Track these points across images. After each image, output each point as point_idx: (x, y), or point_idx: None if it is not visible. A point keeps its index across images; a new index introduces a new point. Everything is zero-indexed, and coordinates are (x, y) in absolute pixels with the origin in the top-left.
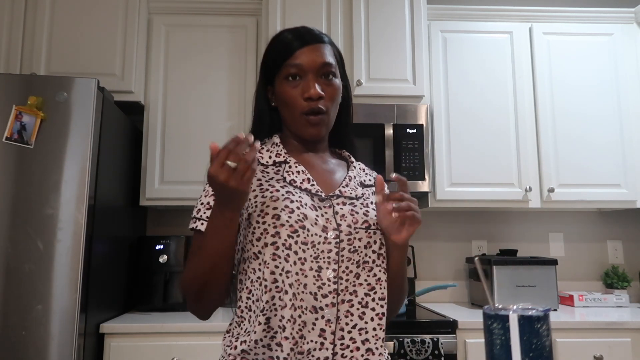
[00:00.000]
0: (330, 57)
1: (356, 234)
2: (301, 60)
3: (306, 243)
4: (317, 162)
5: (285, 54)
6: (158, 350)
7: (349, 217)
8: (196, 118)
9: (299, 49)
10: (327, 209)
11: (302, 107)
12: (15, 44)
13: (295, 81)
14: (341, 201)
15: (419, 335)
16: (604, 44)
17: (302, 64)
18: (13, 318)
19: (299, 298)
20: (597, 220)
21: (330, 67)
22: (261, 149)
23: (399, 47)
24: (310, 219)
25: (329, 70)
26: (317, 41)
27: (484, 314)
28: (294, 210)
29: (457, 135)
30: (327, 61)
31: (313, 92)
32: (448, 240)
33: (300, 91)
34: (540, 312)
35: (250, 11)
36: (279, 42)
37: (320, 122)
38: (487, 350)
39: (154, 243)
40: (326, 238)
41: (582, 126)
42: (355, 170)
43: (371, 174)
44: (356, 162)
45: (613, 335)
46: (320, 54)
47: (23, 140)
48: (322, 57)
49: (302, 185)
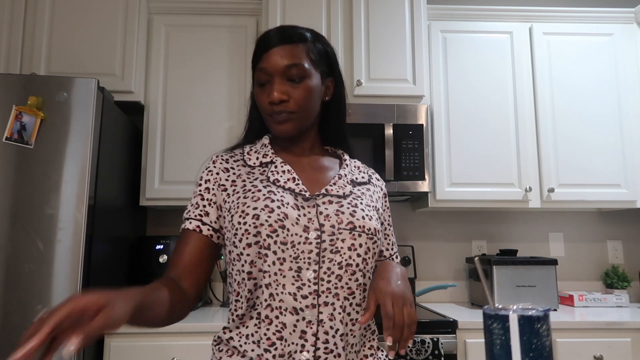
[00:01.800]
0: (301, 56)
1: (339, 235)
2: (266, 64)
3: (285, 243)
4: (305, 161)
5: (256, 58)
6: (158, 350)
7: (333, 217)
8: (196, 118)
9: (266, 52)
10: (310, 209)
11: (267, 111)
12: (15, 44)
13: (264, 86)
14: (327, 200)
15: (419, 335)
16: (604, 44)
17: (267, 67)
18: (13, 318)
19: (277, 299)
20: (597, 220)
21: (297, 69)
22: (249, 150)
23: (399, 47)
24: (290, 219)
25: (294, 72)
26: (285, 42)
27: (484, 314)
28: (274, 210)
29: (457, 135)
30: (292, 63)
31: (272, 97)
32: (448, 240)
33: (267, 95)
34: (540, 312)
35: (250, 11)
36: (256, 44)
37: (287, 119)
38: (487, 350)
39: (154, 243)
40: (307, 238)
41: (582, 126)
42: (348, 169)
43: (366, 172)
44: (350, 160)
45: (613, 335)
46: (285, 55)
47: (23, 140)
48: (287, 58)
49: (286, 185)
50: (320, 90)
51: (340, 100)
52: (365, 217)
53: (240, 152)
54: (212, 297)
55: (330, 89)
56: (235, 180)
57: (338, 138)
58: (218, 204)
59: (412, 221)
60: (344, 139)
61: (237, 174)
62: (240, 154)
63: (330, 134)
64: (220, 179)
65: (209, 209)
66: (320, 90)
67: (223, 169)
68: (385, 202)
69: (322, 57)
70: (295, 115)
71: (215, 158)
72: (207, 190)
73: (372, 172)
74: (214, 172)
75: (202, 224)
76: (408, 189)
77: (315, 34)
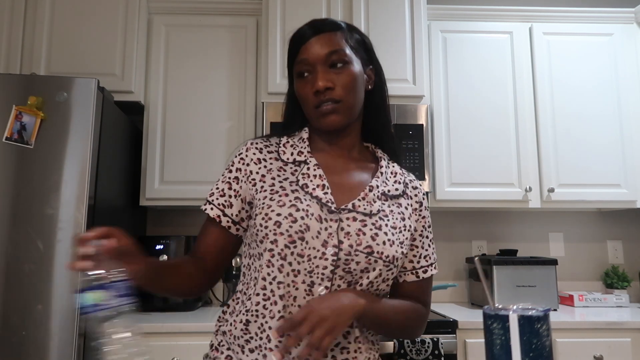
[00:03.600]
0: (340, 43)
1: (355, 256)
2: (306, 54)
3: (302, 255)
4: (339, 164)
5: (294, 52)
6: (158, 350)
7: (353, 236)
8: (196, 118)
9: (304, 44)
10: (332, 222)
11: (313, 102)
12: (15, 44)
13: (306, 78)
14: (352, 216)
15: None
16: (604, 44)
17: (307, 58)
18: (13, 318)
19: (287, 310)
20: (597, 220)
21: (338, 55)
22: (286, 143)
23: (399, 47)
24: (312, 231)
25: (336, 58)
26: (321, 31)
27: (484, 314)
28: (297, 220)
29: (457, 135)
30: (332, 50)
31: (317, 85)
32: (448, 240)
33: (310, 86)
34: (540, 312)
35: (250, 11)
36: (290, 41)
37: (333, 110)
38: (487, 350)
39: (154, 243)
40: (324, 253)
41: (582, 126)
42: (382, 177)
43: (402, 180)
44: (388, 165)
45: (613, 335)
46: (324, 43)
47: (23, 140)
48: (326, 46)
49: (314, 193)
50: (362, 78)
51: (383, 91)
52: (386, 242)
53: (276, 143)
54: (212, 297)
55: (372, 78)
56: (265, 175)
57: (382, 133)
58: (243, 197)
59: None
60: (388, 134)
61: (268, 167)
62: (276, 145)
63: (373, 128)
64: (252, 171)
65: (233, 201)
66: (362, 78)
67: (256, 159)
68: (420, 211)
69: (359, 44)
70: (342, 105)
71: (250, 145)
72: (236, 180)
73: (409, 180)
74: (245, 160)
75: (223, 215)
76: None
77: (349, 24)
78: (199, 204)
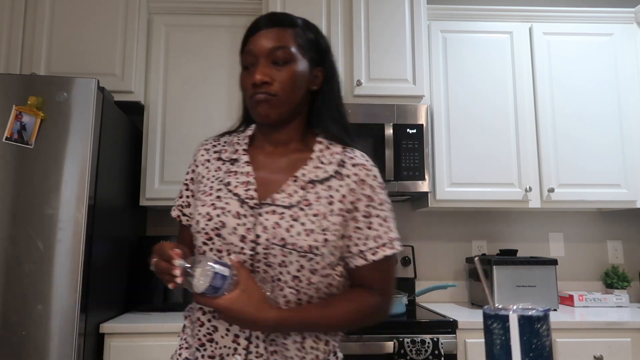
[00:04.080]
0: (287, 40)
1: (272, 250)
2: (252, 46)
3: (221, 251)
4: (271, 160)
5: (243, 42)
6: (158, 350)
7: (269, 230)
8: (196, 118)
9: (253, 35)
10: (251, 218)
11: (249, 93)
12: (15, 44)
13: (249, 69)
14: (271, 210)
15: (419, 335)
16: (604, 44)
17: (253, 49)
18: (13, 318)
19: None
20: (597, 220)
21: (282, 52)
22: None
23: (399, 47)
24: (228, 228)
25: (280, 55)
26: (273, 25)
27: (484, 314)
28: (212, 218)
29: (457, 135)
30: (277, 45)
31: (254, 78)
32: (448, 240)
33: (250, 78)
34: (540, 312)
35: (250, 11)
36: (246, 30)
37: (265, 100)
38: (487, 350)
39: (154, 243)
40: (242, 248)
41: (582, 126)
42: (313, 163)
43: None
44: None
45: (613, 335)
46: (271, 38)
47: (23, 140)
48: (273, 41)
49: (235, 190)
50: (306, 78)
51: (333, 91)
52: (302, 232)
53: (224, 141)
54: None
55: (319, 79)
56: (205, 176)
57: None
58: (196, 196)
59: (412, 221)
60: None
61: (209, 168)
62: (224, 144)
63: (319, 126)
64: (199, 172)
65: (190, 201)
66: (306, 78)
67: (203, 160)
68: (363, 189)
69: (311, 44)
70: (276, 99)
71: (201, 147)
72: (191, 181)
73: (350, 157)
74: (196, 162)
75: (182, 215)
76: (408, 189)
77: (307, 22)
78: None
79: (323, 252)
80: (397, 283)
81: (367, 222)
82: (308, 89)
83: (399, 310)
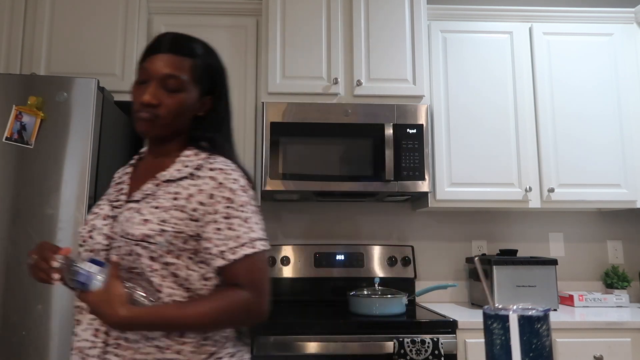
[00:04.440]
0: (183, 70)
1: (120, 241)
2: (149, 65)
3: (93, 250)
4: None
5: (142, 57)
6: None
7: (118, 224)
8: None
9: (154, 54)
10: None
11: (136, 108)
12: (15, 44)
13: (141, 85)
14: (128, 207)
15: (419, 335)
16: (604, 44)
17: (149, 69)
18: (13, 318)
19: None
20: (597, 220)
21: (175, 81)
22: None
23: (399, 47)
24: (97, 229)
25: (172, 83)
26: (174, 51)
27: (484, 314)
28: (87, 222)
29: (457, 135)
30: (171, 73)
31: (143, 98)
32: (448, 240)
33: (140, 95)
34: (540, 312)
35: (250, 11)
36: (149, 43)
37: (149, 120)
38: (487, 350)
39: None
40: (107, 245)
41: (582, 126)
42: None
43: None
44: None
45: (613, 335)
46: (168, 64)
47: (23, 140)
48: (169, 68)
49: (110, 197)
50: (193, 106)
51: (217, 118)
52: (139, 222)
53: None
54: None
55: (206, 106)
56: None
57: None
58: None
59: (412, 221)
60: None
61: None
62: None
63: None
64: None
65: None
66: (193, 106)
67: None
68: (221, 191)
69: (207, 75)
70: (159, 121)
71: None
72: None
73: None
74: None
75: None
76: (408, 189)
77: (208, 51)
78: None
79: (159, 241)
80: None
81: (227, 223)
82: (195, 115)
83: (399, 310)
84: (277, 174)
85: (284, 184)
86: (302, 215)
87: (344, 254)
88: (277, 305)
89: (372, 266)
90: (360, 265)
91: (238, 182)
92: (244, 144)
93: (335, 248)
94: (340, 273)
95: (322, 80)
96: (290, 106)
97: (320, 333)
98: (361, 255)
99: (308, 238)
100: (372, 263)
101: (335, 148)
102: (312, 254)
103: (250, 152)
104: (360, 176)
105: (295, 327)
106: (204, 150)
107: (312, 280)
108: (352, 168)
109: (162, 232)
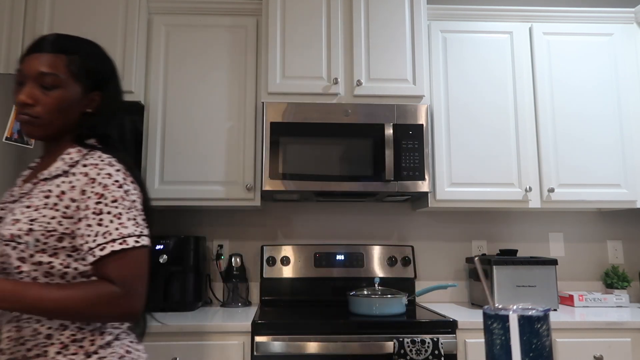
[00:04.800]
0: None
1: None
2: (23, 66)
3: None
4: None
5: (19, 60)
6: (158, 350)
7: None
8: (196, 118)
9: (28, 55)
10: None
11: (17, 110)
12: (15, 44)
13: (19, 87)
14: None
15: (419, 335)
16: (604, 44)
17: (23, 69)
18: None
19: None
20: (597, 220)
21: (50, 78)
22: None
23: (399, 47)
24: None
25: (47, 80)
26: (48, 50)
27: (484, 314)
28: None
29: (457, 135)
30: (45, 71)
31: (18, 98)
32: (448, 240)
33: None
34: (540, 312)
35: (250, 11)
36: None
37: (30, 122)
38: (487, 350)
39: (154, 243)
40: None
41: (582, 126)
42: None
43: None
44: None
45: (613, 335)
46: (42, 63)
47: (23, 140)
48: (42, 66)
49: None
50: (77, 102)
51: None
52: (10, 222)
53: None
54: (212, 297)
55: (96, 102)
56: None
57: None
58: None
59: (412, 221)
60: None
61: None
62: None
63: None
64: None
65: None
66: (77, 102)
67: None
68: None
69: (87, 71)
70: (39, 121)
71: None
72: None
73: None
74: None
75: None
76: (408, 189)
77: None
78: (199, 204)
79: (27, 241)
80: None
81: (97, 219)
82: (82, 111)
83: (399, 310)
84: (277, 174)
85: (284, 184)
86: (302, 215)
87: (344, 254)
88: (277, 305)
89: (372, 266)
90: (360, 265)
91: (112, 177)
92: (244, 144)
93: (335, 248)
94: (340, 273)
95: (322, 80)
96: (290, 106)
97: (320, 333)
98: (361, 255)
99: (308, 238)
100: (372, 263)
101: (335, 148)
102: (312, 254)
103: (250, 152)
104: (360, 176)
105: (295, 327)
106: (88, 147)
107: (312, 280)
108: (352, 168)
109: (29, 231)
